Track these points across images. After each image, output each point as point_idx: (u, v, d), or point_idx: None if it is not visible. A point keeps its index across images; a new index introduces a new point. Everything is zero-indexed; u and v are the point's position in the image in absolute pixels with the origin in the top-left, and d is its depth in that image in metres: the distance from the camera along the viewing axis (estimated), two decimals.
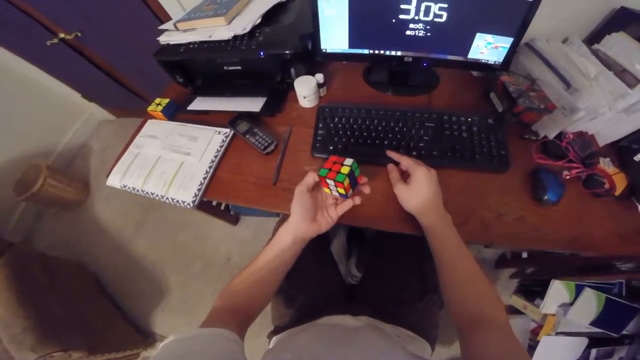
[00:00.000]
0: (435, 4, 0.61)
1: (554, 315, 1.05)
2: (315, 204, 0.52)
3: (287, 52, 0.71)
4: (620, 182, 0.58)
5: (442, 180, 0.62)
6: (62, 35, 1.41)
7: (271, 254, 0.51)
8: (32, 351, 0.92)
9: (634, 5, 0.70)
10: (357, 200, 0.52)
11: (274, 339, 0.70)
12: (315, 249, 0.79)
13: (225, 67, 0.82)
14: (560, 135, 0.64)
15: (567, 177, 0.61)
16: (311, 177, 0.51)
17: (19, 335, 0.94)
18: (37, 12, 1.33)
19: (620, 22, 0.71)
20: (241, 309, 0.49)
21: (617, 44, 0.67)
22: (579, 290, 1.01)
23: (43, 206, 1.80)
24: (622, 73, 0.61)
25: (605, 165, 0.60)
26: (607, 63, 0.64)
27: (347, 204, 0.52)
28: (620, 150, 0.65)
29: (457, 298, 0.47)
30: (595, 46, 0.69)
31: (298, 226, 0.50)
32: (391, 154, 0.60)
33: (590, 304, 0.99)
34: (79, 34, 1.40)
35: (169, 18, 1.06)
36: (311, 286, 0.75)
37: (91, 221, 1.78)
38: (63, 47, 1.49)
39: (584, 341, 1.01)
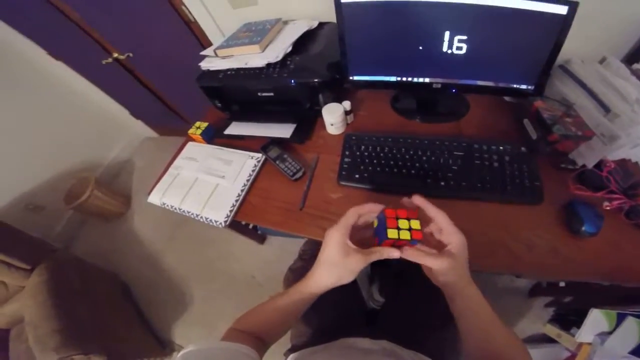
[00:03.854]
0: (461, 35, 0.61)
1: (589, 344, 0.99)
2: None
3: (316, 80, 0.74)
4: None
5: (468, 212, 0.60)
6: (115, 55, 1.53)
7: (290, 301, 0.49)
8: (55, 352, 0.95)
9: None
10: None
11: (291, 357, 0.70)
12: None
13: (259, 94, 0.86)
14: (599, 164, 0.61)
15: (608, 208, 0.59)
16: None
17: (44, 336, 0.99)
18: (96, 32, 1.46)
19: None
20: (258, 334, 0.50)
21: None
22: (620, 319, 0.96)
23: (87, 216, 1.94)
24: None
25: None
26: None
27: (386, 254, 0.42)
28: None
29: (481, 343, 0.44)
30: (636, 66, 0.65)
31: (326, 288, 0.47)
32: (418, 199, 0.42)
33: (631, 333, 0.94)
34: (131, 55, 1.51)
35: (210, 43, 1.14)
36: (331, 307, 0.75)
37: (128, 233, 1.90)
38: (116, 66, 1.62)
39: None
